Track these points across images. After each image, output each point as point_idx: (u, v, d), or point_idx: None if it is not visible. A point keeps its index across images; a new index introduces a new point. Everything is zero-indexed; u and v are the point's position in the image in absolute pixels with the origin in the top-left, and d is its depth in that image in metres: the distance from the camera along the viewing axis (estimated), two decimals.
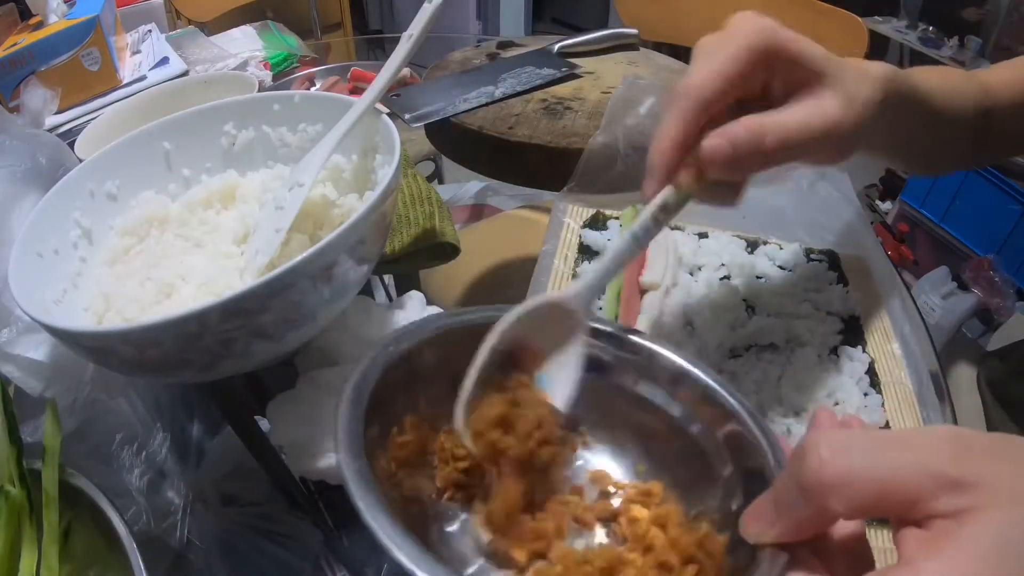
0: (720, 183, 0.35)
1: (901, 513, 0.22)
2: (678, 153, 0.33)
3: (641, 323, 0.45)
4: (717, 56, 0.34)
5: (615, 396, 0.36)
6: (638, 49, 0.76)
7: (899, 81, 0.38)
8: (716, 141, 0.32)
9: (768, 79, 0.35)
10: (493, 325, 0.33)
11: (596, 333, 0.36)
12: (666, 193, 0.33)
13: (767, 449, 0.30)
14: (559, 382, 0.33)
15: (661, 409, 0.35)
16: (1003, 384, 0.79)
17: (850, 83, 0.34)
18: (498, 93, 0.64)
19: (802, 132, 0.32)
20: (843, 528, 0.26)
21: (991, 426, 0.75)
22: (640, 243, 0.34)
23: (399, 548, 0.23)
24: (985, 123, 0.49)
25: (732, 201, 0.36)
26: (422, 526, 0.31)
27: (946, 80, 0.47)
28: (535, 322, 0.33)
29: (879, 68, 0.37)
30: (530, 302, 0.33)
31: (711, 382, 0.33)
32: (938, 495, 0.21)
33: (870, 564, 0.25)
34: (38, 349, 0.39)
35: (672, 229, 0.57)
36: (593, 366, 0.35)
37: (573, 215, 0.58)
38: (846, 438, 0.22)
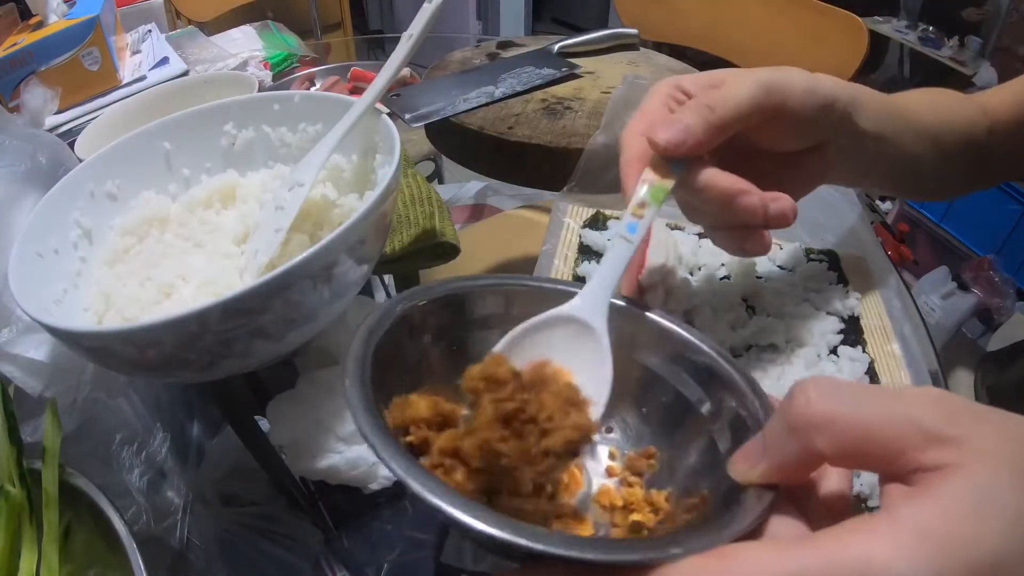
0: (732, 229, 0.38)
1: (886, 464, 0.22)
2: (641, 160, 0.36)
3: None
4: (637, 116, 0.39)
5: (623, 367, 0.35)
6: (638, 49, 0.76)
7: (860, 92, 0.41)
8: (663, 125, 0.35)
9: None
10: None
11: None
12: (640, 192, 0.35)
13: (763, 416, 0.30)
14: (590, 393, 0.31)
15: (666, 382, 0.34)
16: (1002, 385, 0.79)
17: (774, 76, 0.37)
18: (498, 93, 0.64)
19: (727, 98, 0.36)
20: (828, 486, 0.26)
21: None
22: (629, 240, 0.34)
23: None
24: (988, 145, 0.50)
25: (754, 247, 0.39)
26: None
27: (935, 100, 0.49)
28: (546, 340, 0.32)
29: (826, 78, 0.39)
30: (536, 319, 0.32)
31: (713, 353, 0.33)
32: (923, 448, 0.21)
33: (846, 512, 0.25)
34: (38, 349, 0.39)
35: (672, 229, 0.57)
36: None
37: (573, 215, 0.58)
38: (835, 383, 0.23)
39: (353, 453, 0.40)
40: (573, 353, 0.31)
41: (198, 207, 0.49)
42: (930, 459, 0.21)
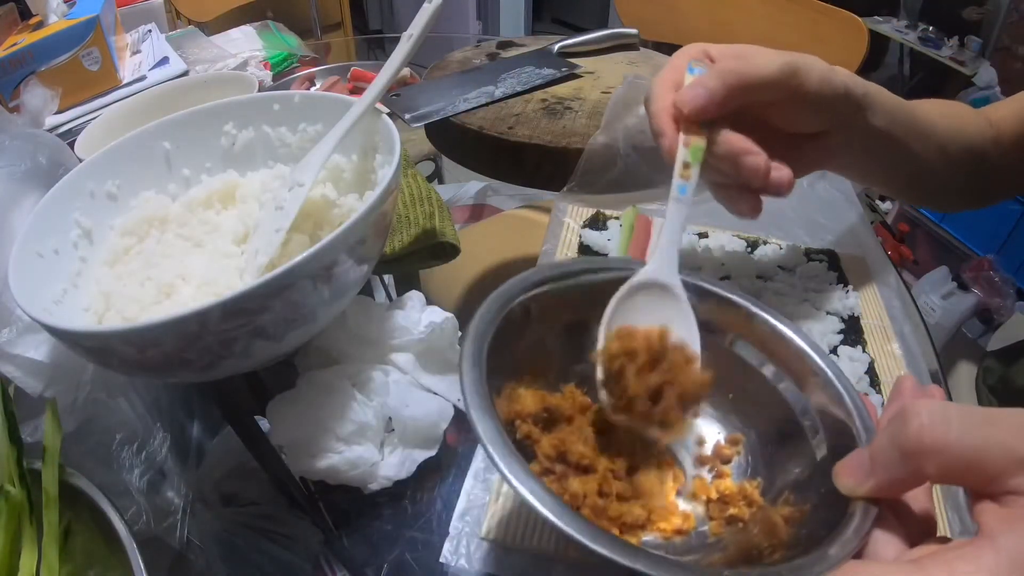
0: (731, 188, 0.40)
1: (981, 485, 0.24)
2: (671, 112, 0.39)
3: None
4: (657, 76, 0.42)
5: (712, 355, 0.37)
6: (638, 49, 0.76)
7: (874, 89, 0.43)
8: (688, 88, 0.38)
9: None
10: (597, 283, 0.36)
11: (695, 291, 0.37)
12: (681, 153, 0.38)
13: (853, 411, 0.32)
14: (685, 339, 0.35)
15: (755, 370, 0.36)
16: (1002, 384, 0.79)
17: (798, 58, 0.40)
18: (498, 93, 0.64)
19: (748, 65, 0.38)
20: (918, 501, 0.28)
21: None
22: (682, 201, 0.37)
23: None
24: (992, 156, 0.52)
25: (747, 209, 0.40)
26: None
27: (948, 112, 0.51)
28: (636, 306, 0.36)
29: (842, 71, 0.42)
30: (623, 289, 0.36)
31: (804, 345, 0.35)
32: (1016, 474, 0.23)
33: (933, 528, 0.28)
34: (38, 349, 0.39)
35: None
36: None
37: (573, 215, 0.58)
38: (943, 410, 0.25)
39: (353, 453, 0.40)
40: (660, 312, 0.35)
41: (198, 207, 0.49)
42: (1020, 484, 0.23)
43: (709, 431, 0.38)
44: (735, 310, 0.37)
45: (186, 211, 0.48)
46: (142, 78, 0.85)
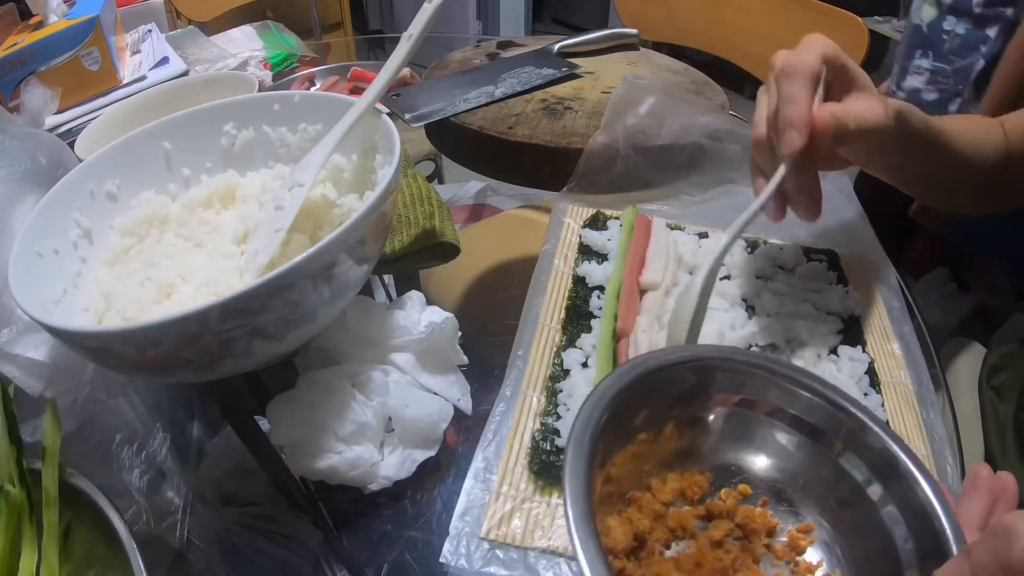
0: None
1: None
2: (811, 112, 0.42)
3: (641, 323, 0.45)
4: (804, 53, 0.43)
5: (816, 462, 0.37)
6: (638, 49, 0.76)
7: (915, 113, 0.46)
8: (826, 115, 0.42)
9: (831, 79, 0.45)
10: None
11: (813, 391, 0.37)
12: (781, 170, 0.43)
13: (951, 536, 0.31)
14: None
15: (857, 484, 0.35)
16: (1002, 384, 0.79)
17: (881, 96, 0.44)
18: (498, 93, 0.64)
19: (864, 120, 0.42)
20: None
21: (989, 426, 0.75)
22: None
23: None
24: (1007, 164, 0.53)
25: (776, 216, 0.48)
26: None
27: (970, 125, 0.53)
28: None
29: (894, 100, 0.46)
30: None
31: (911, 466, 0.34)
32: None
33: None
34: (38, 349, 0.39)
35: (672, 229, 0.57)
36: (804, 429, 0.37)
37: (573, 215, 0.58)
38: None
39: (353, 453, 0.40)
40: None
41: (198, 207, 0.49)
42: None
43: (781, 517, 0.37)
44: (849, 419, 0.36)
45: (186, 211, 0.48)
46: (142, 78, 0.85)
